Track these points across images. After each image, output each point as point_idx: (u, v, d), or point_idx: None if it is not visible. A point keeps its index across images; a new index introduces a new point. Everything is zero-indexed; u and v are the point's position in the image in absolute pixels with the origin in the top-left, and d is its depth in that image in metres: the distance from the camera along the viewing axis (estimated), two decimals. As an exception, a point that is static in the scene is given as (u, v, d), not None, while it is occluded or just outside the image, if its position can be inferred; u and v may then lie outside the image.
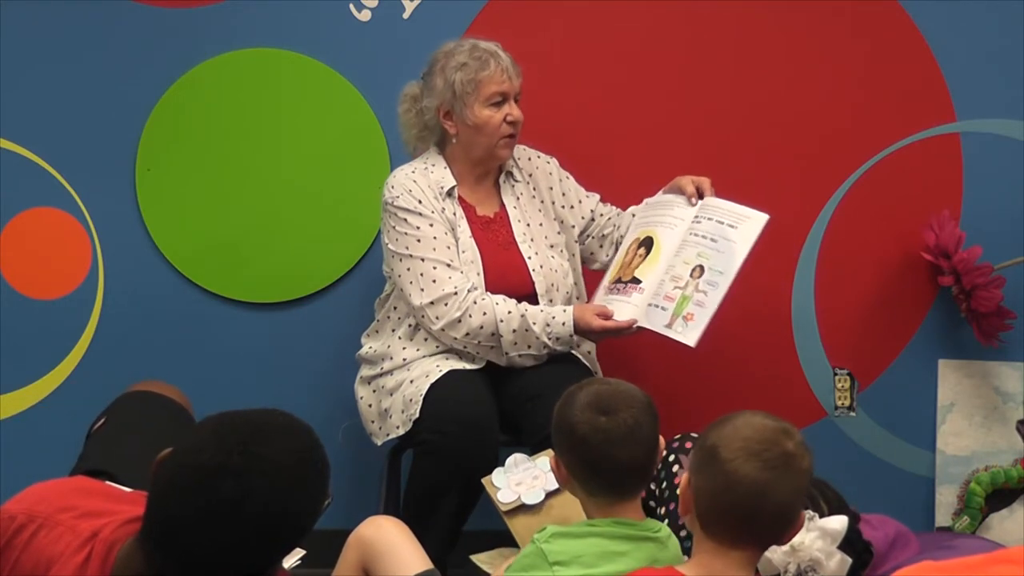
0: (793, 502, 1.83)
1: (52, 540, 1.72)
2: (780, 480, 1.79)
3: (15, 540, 1.74)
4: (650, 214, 2.95)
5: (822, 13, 3.31)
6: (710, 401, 3.31)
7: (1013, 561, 1.59)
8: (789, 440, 1.83)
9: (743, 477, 1.79)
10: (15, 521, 1.75)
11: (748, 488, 1.78)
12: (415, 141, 3.01)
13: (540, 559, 2.05)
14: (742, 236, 2.80)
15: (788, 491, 1.80)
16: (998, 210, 3.31)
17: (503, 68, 2.87)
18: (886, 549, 2.16)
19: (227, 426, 1.71)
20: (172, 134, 3.28)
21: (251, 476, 1.65)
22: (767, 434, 1.82)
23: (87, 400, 3.27)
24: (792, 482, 1.81)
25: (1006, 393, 3.36)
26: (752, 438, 1.81)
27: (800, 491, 1.83)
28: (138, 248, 3.30)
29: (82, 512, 1.76)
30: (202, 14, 3.27)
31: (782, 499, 1.80)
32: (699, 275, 2.78)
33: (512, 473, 2.50)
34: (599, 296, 2.93)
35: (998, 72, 3.31)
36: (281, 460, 1.69)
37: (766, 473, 1.79)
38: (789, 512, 1.83)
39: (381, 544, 2.21)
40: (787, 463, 1.80)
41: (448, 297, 2.80)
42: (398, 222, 2.86)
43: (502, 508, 2.45)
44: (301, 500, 1.70)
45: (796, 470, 1.81)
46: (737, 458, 1.80)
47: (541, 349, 2.81)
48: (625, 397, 2.10)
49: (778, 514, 1.81)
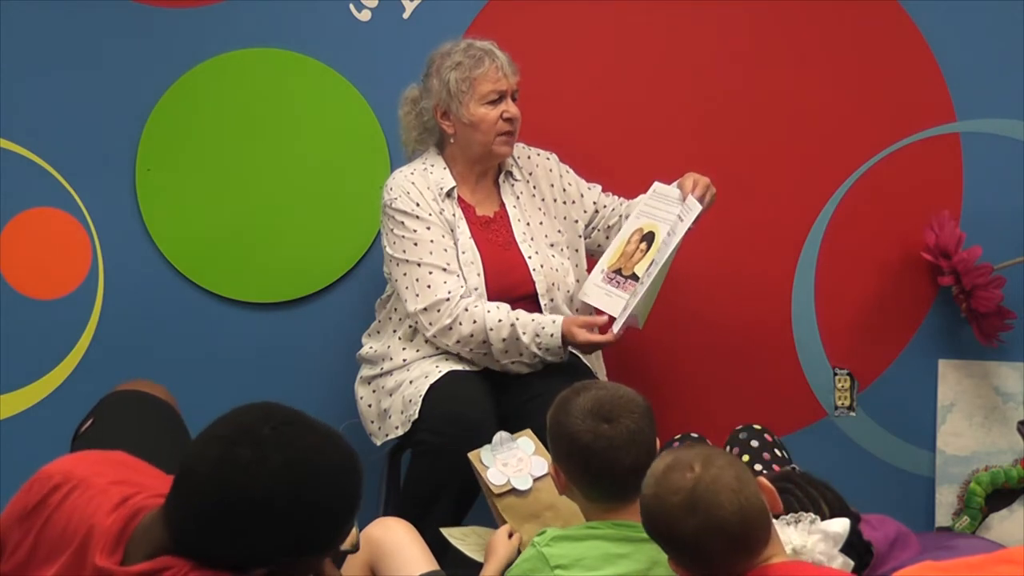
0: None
1: (84, 501, 1.73)
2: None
3: (50, 499, 1.75)
4: (656, 206, 2.93)
5: (822, 13, 3.31)
6: (710, 401, 3.31)
7: (1014, 561, 1.59)
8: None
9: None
10: (52, 480, 1.76)
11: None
12: (415, 144, 3.01)
13: (541, 563, 2.05)
14: (680, 230, 2.80)
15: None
16: (998, 210, 3.31)
17: (498, 66, 2.87)
18: (886, 549, 2.16)
19: (270, 408, 1.72)
20: (172, 134, 3.28)
21: (270, 448, 1.65)
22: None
23: (87, 400, 3.27)
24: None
25: (1006, 393, 3.36)
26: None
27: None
28: (138, 248, 3.30)
29: (116, 479, 1.77)
30: (202, 14, 3.27)
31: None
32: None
33: (499, 452, 2.49)
34: (594, 278, 2.91)
35: (998, 72, 3.31)
36: (306, 444, 1.68)
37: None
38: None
39: (388, 544, 2.22)
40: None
41: (441, 303, 2.80)
42: (396, 225, 2.86)
43: (493, 490, 2.45)
44: (319, 489, 1.67)
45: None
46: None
47: (532, 359, 2.80)
48: (625, 403, 2.09)
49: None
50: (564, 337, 2.77)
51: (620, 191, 3.10)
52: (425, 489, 2.74)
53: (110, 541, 1.68)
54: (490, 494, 2.46)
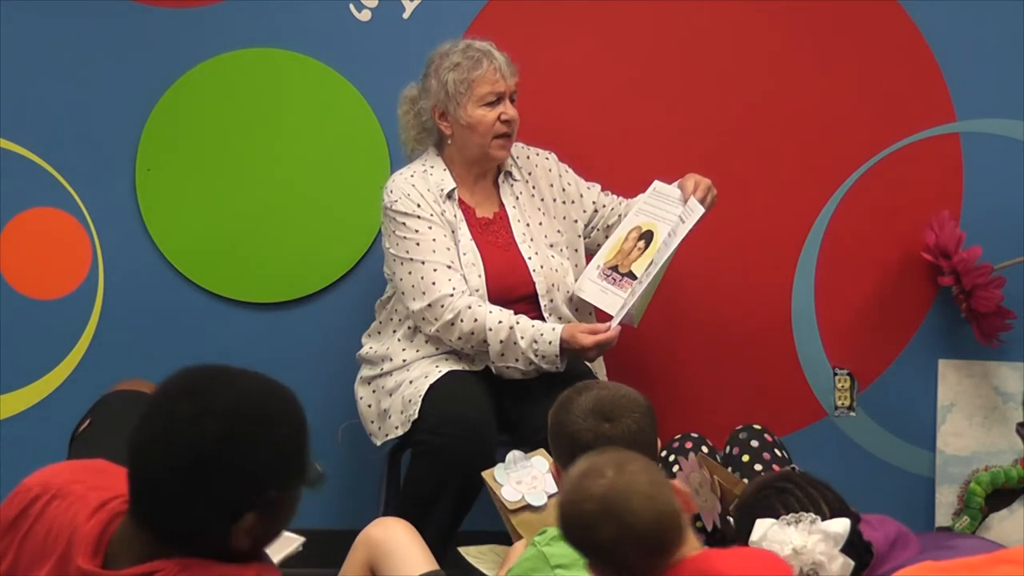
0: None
1: (64, 509, 1.73)
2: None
3: (30, 510, 1.75)
4: (656, 205, 2.93)
5: (822, 13, 3.31)
6: (710, 401, 3.31)
7: (1014, 561, 1.59)
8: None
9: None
10: (31, 492, 1.77)
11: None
12: (413, 143, 3.01)
13: (542, 562, 2.05)
14: (680, 232, 2.80)
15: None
16: (998, 210, 3.31)
17: (496, 67, 2.86)
18: (886, 549, 2.16)
19: (199, 366, 1.72)
20: (172, 134, 3.28)
21: (211, 397, 1.64)
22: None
23: (87, 400, 3.27)
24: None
25: (1006, 393, 3.36)
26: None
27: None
28: (138, 248, 3.30)
29: (93, 485, 1.77)
30: (202, 14, 3.27)
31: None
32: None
33: (512, 470, 2.50)
34: (589, 274, 2.91)
35: (998, 72, 3.31)
36: (248, 391, 1.68)
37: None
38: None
39: (389, 544, 2.22)
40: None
41: (444, 299, 2.79)
42: (397, 226, 2.86)
43: (508, 507, 2.45)
44: (272, 441, 1.65)
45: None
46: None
47: (527, 365, 2.79)
48: (627, 402, 2.09)
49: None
50: (564, 344, 2.76)
51: (619, 191, 3.10)
52: (425, 489, 2.74)
53: (90, 545, 1.68)
54: (505, 511, 2.46)
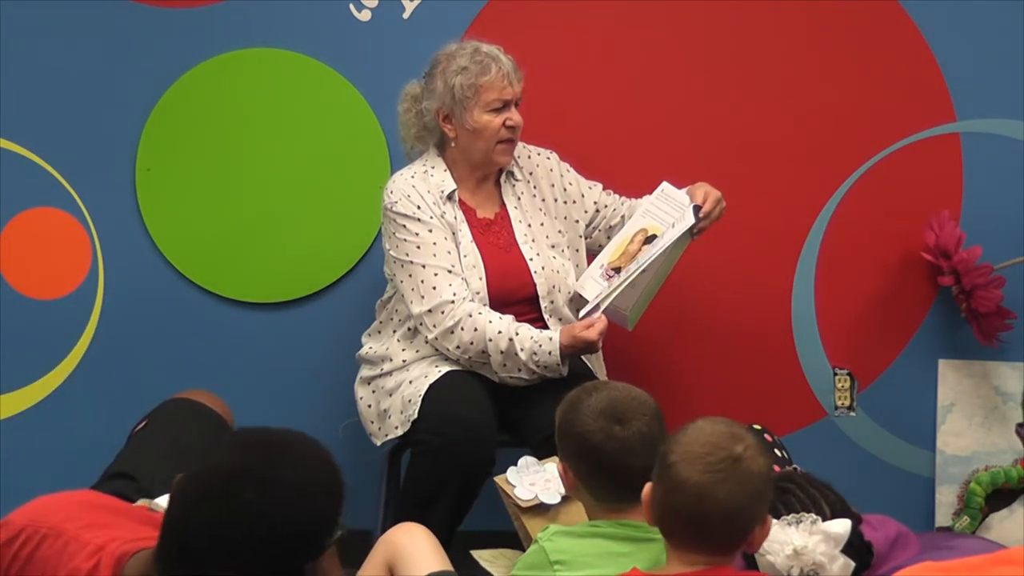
0: (744, 506, 1.82)
1: (57, 550, 1.73)
2: (724, 484, 1.79)
3: (21, 551, 1.74)
4: (662, 208, 2.91)
5: (822, 13, 3.31)
6: (711, 401, 3.31)
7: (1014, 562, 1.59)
8: (738, 444, 1.83)
9: (684, 480, 1.81)
10: (15, 526, 1.75)
11: (690, 491, 1.80)
12: (413, 140, 3.00)
13: (542, 557, 2.05)
14: (668, 237, 2.80)
15: (734, 495, 1.80)
16: (998, 210, 3.32)
17: (504, 74, 2.85)
18: (886, 549, 2.16)
19: (252, 438, 1.74)
20: (172, 134, 3.28)
21: (275, 483, 1.67)
22: (714, 439, 1.83)
23: (87, 400, 3.30)
24: (739, 486, 1.80)
25: (1006, 393, 3.36)
26: (697, 440, 1.83)
27: (752, 495, 1.82)
28: (138, 248, 3.30)
29: (87, 523, 1.76)
30: (202, 14, 3.27)
31: (728, 503, 1.80)
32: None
33: (524, 474, 2.50)
34: (592, 272, 2.91)
35: (998, 72, 3.31)
36: (306, 470, 1.71)
37: (707, 476, 1.80)
38: (739, 515, 1.82)
39: (409, 548, 2.22)
40: (733, 467, 1.81)
41: (444, 305, 2.79)
42: (397, 228, 2.86)
43: (521, 505, 2.45)
44: (321, 512, 1.71)
45: (743, 473, 1.81)
46: (681, 461, 1.82)
47: (531, 374, 2.79)
48: (638, 405, 2.09)
49: (727, 518, 1.82)
50: (565, 349, 2.75)
51: (620, 191, 3.10)
52: (425, 489, 2.74)
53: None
54: (517, 514, 2.46)
